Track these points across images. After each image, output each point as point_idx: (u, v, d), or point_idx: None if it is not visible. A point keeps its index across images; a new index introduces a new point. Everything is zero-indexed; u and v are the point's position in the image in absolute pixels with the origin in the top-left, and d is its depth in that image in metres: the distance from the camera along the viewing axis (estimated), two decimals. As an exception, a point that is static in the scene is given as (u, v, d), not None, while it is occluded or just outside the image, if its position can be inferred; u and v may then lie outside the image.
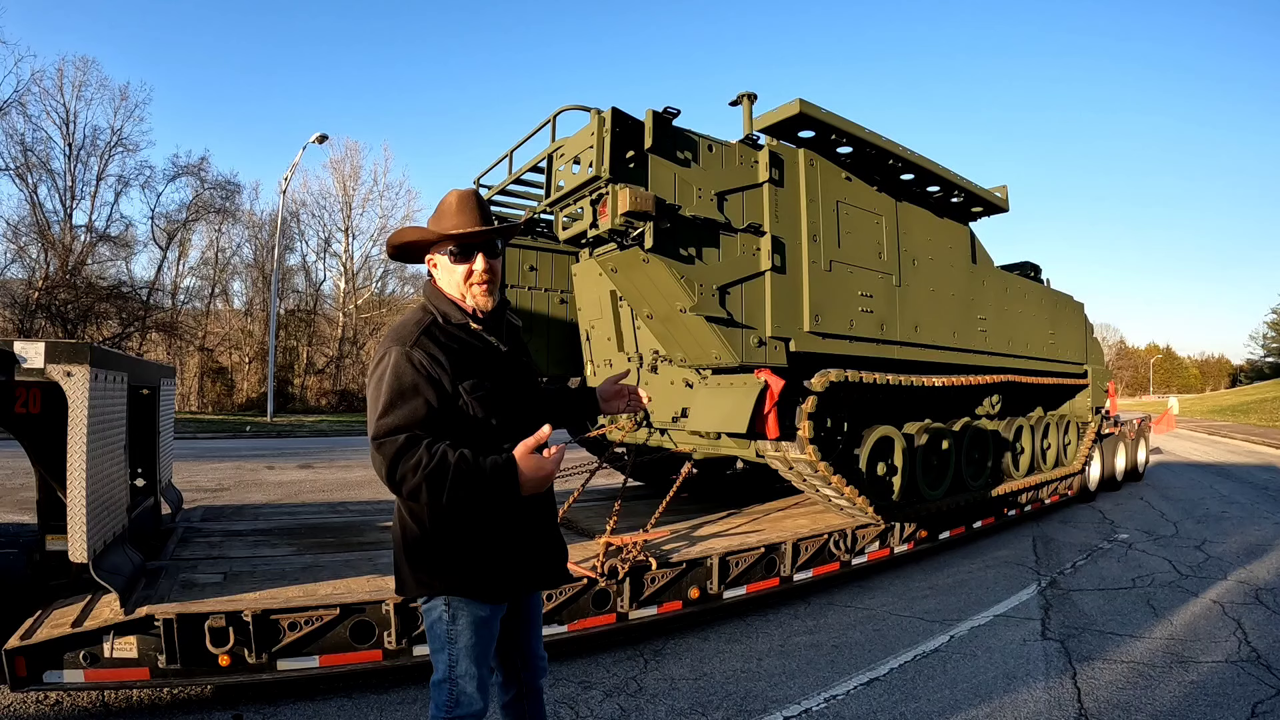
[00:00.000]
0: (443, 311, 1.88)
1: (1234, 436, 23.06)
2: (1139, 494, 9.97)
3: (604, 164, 3.68)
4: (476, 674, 1.89)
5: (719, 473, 7.87)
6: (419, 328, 1.82)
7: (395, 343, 1.78)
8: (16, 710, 3.00)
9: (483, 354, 1.89)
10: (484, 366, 1.87)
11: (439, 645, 1.89)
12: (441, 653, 1.89)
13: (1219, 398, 59.37)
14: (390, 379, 1.74)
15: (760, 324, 4.25)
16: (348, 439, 18.97)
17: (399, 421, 1.71)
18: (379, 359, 1.80)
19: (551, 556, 2.04)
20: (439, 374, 1.77)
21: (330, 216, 34.51)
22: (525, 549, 1.94)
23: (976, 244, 6.23)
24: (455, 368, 1.79)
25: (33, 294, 23.87)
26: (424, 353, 1.77)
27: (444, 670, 1.89)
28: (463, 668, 1.88)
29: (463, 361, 1.82)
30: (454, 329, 1.87)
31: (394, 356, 1.76)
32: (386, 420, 1.72)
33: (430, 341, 1.79)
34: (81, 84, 25.63)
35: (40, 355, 2.76)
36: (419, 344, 1.78)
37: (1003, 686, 3.50)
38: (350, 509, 5.85)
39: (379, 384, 1.76)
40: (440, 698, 1.89)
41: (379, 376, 1.77)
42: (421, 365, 1.75)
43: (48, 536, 3.24)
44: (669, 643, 4.05)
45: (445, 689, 1.88)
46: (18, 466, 8.98)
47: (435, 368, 1.77)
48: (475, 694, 1.89)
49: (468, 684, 1.88)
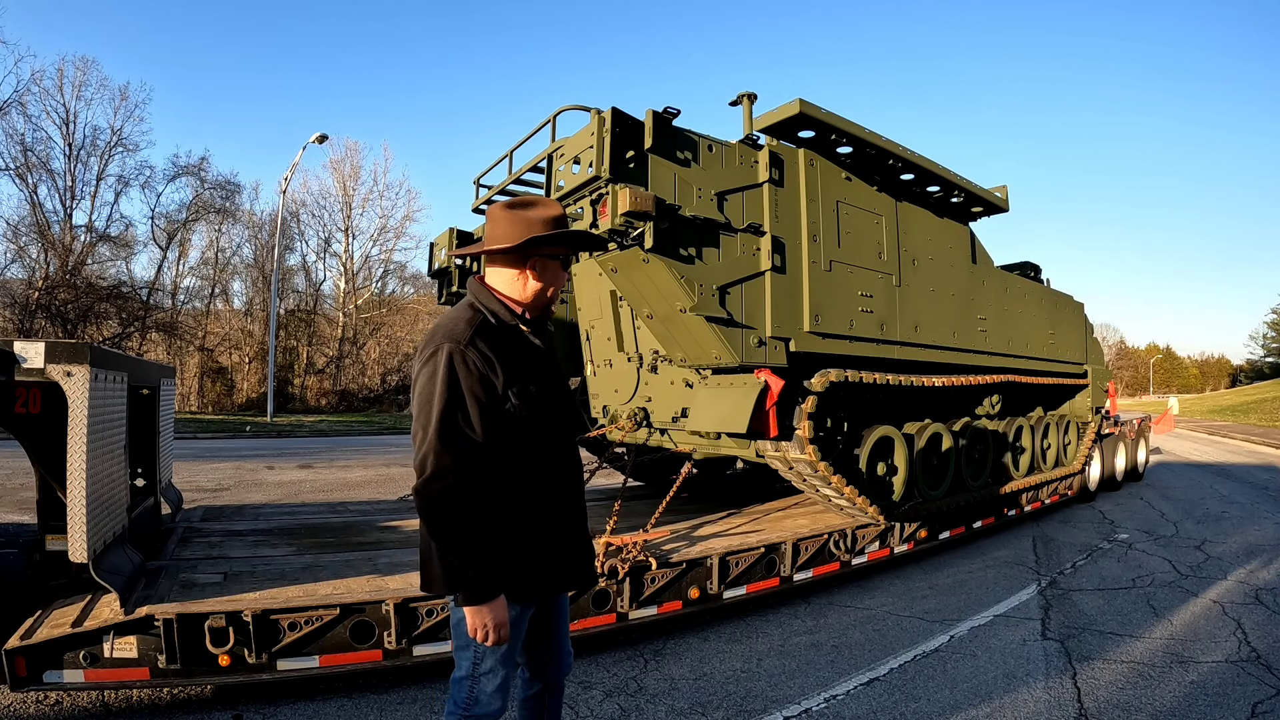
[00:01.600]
0: (492, 310, 1.87)
1: (1234, 436, 23.05)
2: (1139, 494, 9.97)
3: (604, 164, 3.68)
4: (501, 674, 1.88)
5: (719, 473, 7.87)
6: (471, 326, 1.81)
7: (448, 340, 1.76)
8: (16, 710, 3.00)
9: (530, 356, 1.89)
10: (530, 367, 1.87)
11: (464, 643, 1.88)
12: (465, 650, 1.88)
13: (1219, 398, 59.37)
14: (445, 376, 1.73)
15: (760, 324, 4.24)
16: (348, 439, 18.97)
17: (460, 434, 1.72)
18: (429, 354, 1.77)
19: (580, 558, 2.04)
20: (491, 375, 1.77)
21: (330, 216, 34.57)
22: (555, 550, 1.94)
23: (976, 244, 6.23)
24: (506, 369, 1.79)
25: (33, 294, 23.87)
26: (478, 352, 1.76)
27: (466, 668, 1.88)
28: (486, 666, 1.87)
29: (512, 362, 1.82)
30: (503, 328, 1.87)
31: (446, 353, 1.74)
32: (441, 427, 1.71)
33: (483, 340, 1.79)
34: (81, 84, 25.69)
35: (40, 355, 2.76)
36: (473, 343, 1.77)
37: (1003, 686, 3.50)
38: (350, 509, 5.85)
39: (432, 380, 1.74)
40: (459, 695, 1.88)
41: (431, 373, 1.75)
42: (475, 365, 1.75)
43: (48, 536, 3.24)
44: (669, 643, 4.05)
45: (465, 686, 1.88)
46: (18, 466, 8.98)
47: (488, 368, 1.76)
48: (495, 694, 1.88)
49: (489, 683, 1.87)
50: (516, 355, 1.84)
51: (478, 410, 1.74)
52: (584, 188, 3.93)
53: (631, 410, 5.30)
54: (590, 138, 3.81)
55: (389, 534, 4.74)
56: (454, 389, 1.73)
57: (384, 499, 7.90)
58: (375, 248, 35.51)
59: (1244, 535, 7.18)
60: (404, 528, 4.94)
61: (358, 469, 11.68)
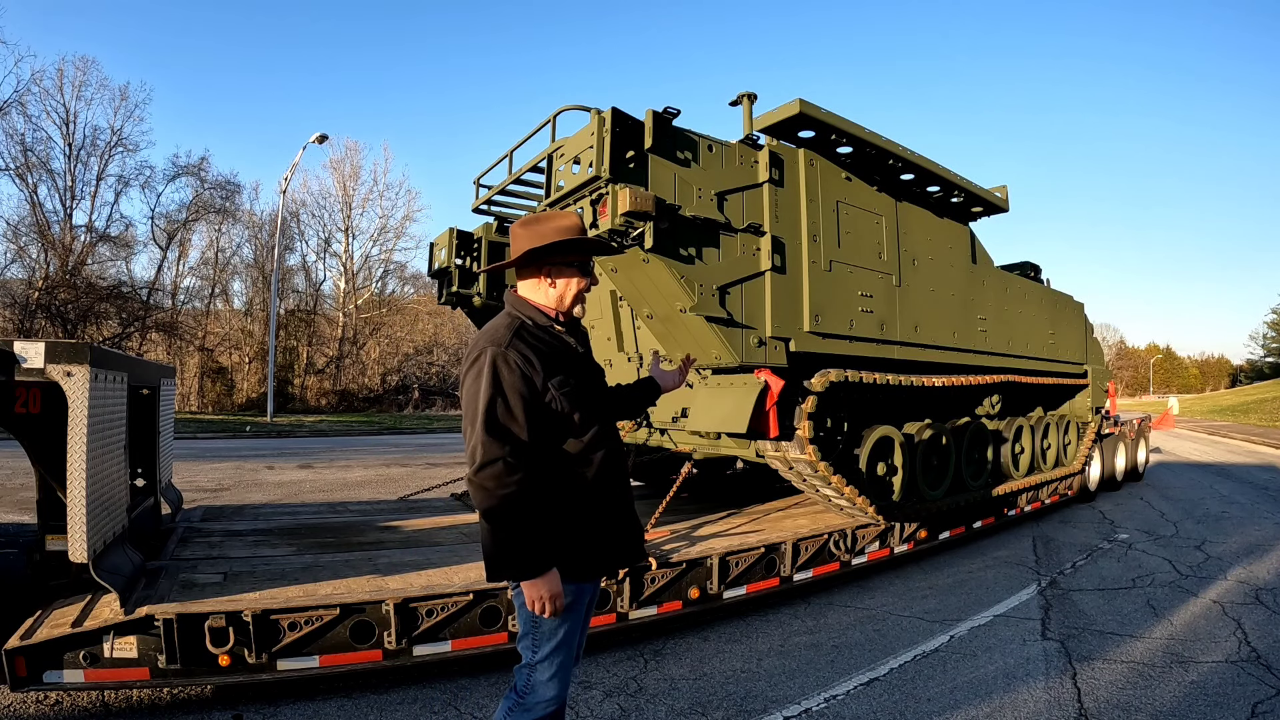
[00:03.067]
0: (529, 316, 2.04)
1: (1234, 436, 23.05)
2: (1139, 494, 9.97)
3: (604, 164, 3.68)
4: (557, 660, 1.96)
5: (719, 473, 7.87)
6: (510, 330, 1.96)
7: (490, 344, 1.92)
8: (16, 710, 3.00)
9: (566, 354, 2.03)
10: (567, 365, 2.01)
11: (525, 630, 1.98)
12: (525, 638, 1.98)
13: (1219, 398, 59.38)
14: (489, 376, 1.87)
15: (760, 324, 4.24)
16: (348, 439, 18.97)
17: (504, 427, 1.85)
18: (474, 358, 1.93)
19: (630, 536, 2.16)
20: (531, 372, 1.90)
21: (330, 216, 34.59)
22: (607, 530, 2.06)
23: (976, 244, 6.23)
24: (545, 366, 1.93)
25: (33, 294, 23.87)
26: (518, 353, 1.91)
27: (527, 655, 1.98)
28: (544, 652, 1.95)
29: (550, 360, 1.96)
30: (540, 331, 2.01)
31: (490, 356, 1.89)
32: (487, 420, 1.84)
33: (522, 342, 1.93)
34: (81, 84, 25.73)
35: (40, 355, 2.76)
36: (512, 345, 1.91)
37: (1003, 686, 3.50)
38: (350, 509, 5.85)
39: (477, 380, 1.88)
40: (519, 683, 1.99)
41: (476, 374, 1.90)
42: (516, 364, 1.89)
43: (48, 536, 3.24)
44: (669, 643, 4.05)
45: (524, 674, 1.98)
46: (18, 466, 8.99)
47: (528, 366, 1.90)
48: (549, 682, 1.96)
49: (545, 670, 1.95)
50: (554, 354, 1.98)
51: (521, 405, 1.87)
52: (584, 188, 3.93)
53: (631, 410, 5.29)
54: (590, 138, 3.81)
55: (389, 534, 4.74)
56: (498, 386, 1.87)
57: (384, 499, 7.90)
58: (375, 248, 35.56)
59: (1244, 535, 7.18)
60: (404, 528, 4.94)
61: (358, 469, 11.68)
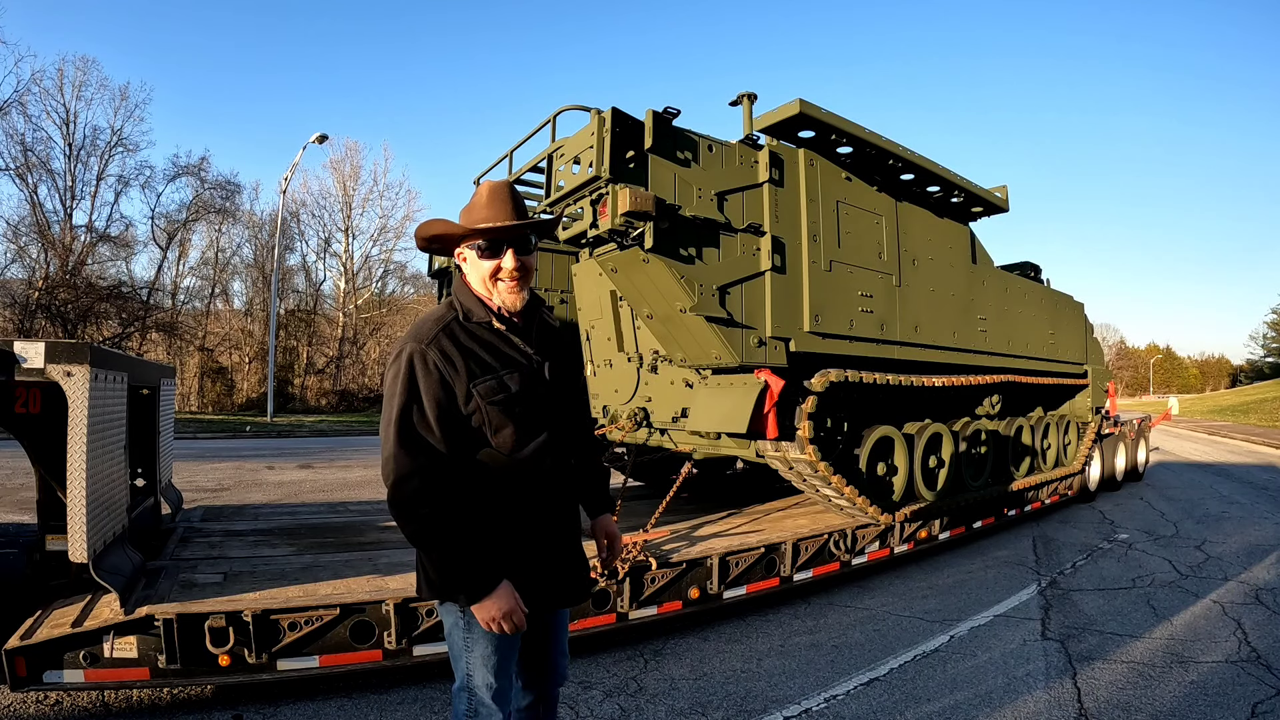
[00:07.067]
0: (466, 309, 1.81)
1: (1234, 436, 23.04)
2: (1139, 494, 9.97)
3: (604, 164, 3.68)
4: (494, 685, 1.82)
5: (719, 473, 7.87)
6: (438, 324, 1.76)
7: (413, 339, 1.73)
8: (16, 710, 3.00)
9: (504, 357, 1.79)
10: (502, 370, 1.77)
11: (456, 652, 1.85)
12: (459, 660, 1.84)
13: (1219, 398, 59.37)
14: (404, 378, 1.70)
15: (760, 324, 4.24)
16: (348, 439, 18.97)
17: (419, 437, 1.68)
18: (395, 355, 1.74)
19: (571, 574, 1.95)
20: (452, 376, 1.71)
21: (330, 216, 34.55)
22: (542, 565, 1.86)
23: (976, 244, 6.23)
24: (470, 369, 1.73)
25: (33, 294, 23.86)
26: (439, 352, 1.71)
27: (461, 678, 1.85)
28: (479, 678, 1.81)
29: (480, 363, 1.75)
30: (476, 327, 1.80)
31: (408, 353, 1.71)
32: (399, 430, 1.68)
33: (448, 340, 1.74)
34: (81, 84, 25.66)
35: (40, 355, 2.75)
36: (435, 342, 1.72)
37: (1003, 686, 3.50)
38: (350, 509, 5.85)
39: (394, 382, 1.71)
40: (460, 706, 1.85)
41: (394, 374, 1.72)
42: (435, 365, 1.70)
43: (48, 536, 3.24)
44: (669, 643, 4.05)
45: (464, 698, 1.84)
46: (18, 466, 8.98)
47: (449, 368, 1.71)
48: (493, 704, 1.83)
49: (484, 694, 1.82)
50: (486, 355, 1.77)
51: (435, 411, 1.69)
52: (584, 188, 3.94)
53: (631, 410, 5.30)
54: (590, 138, 3.82)
55: (389, 534, 4.74)
56: (412, 389, 1.69)
57: (384, 499, 7.88)
58: (375, 248, 35.53)
59: (1244, 535, 7.18)
60: (404, 528, 4.93)
61: (358, 469, 11.67)
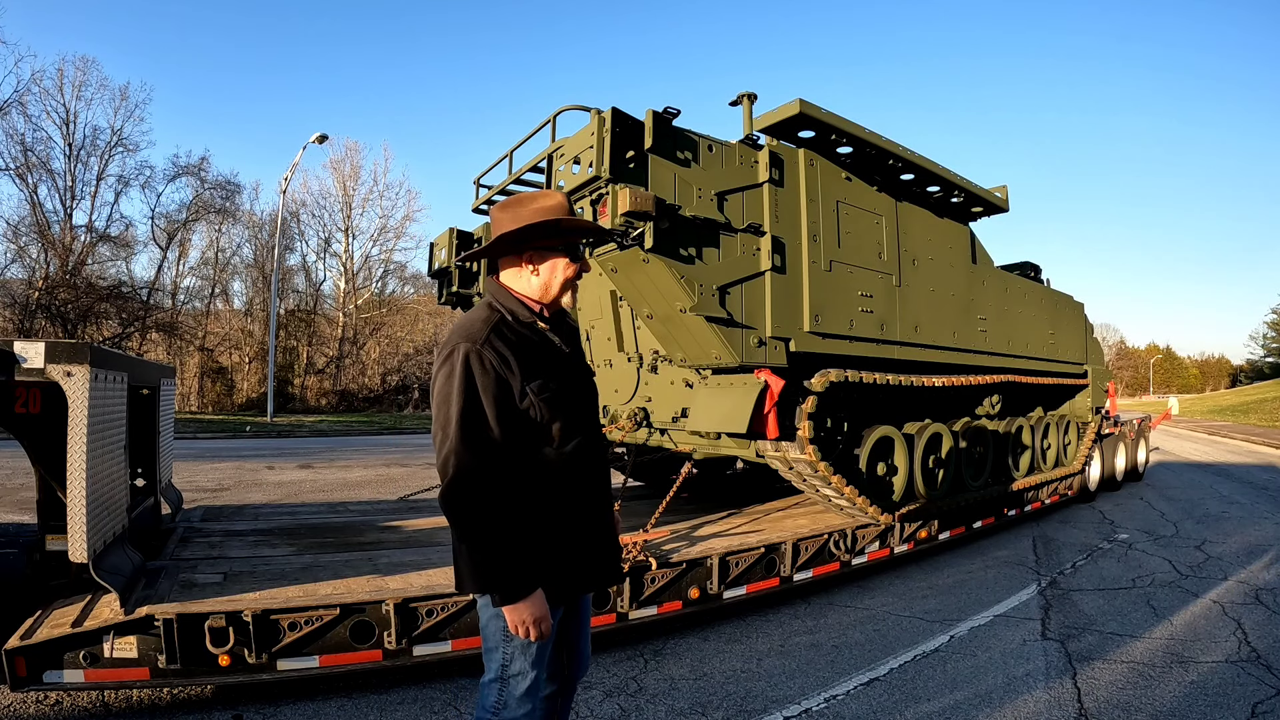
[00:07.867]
0: (510, 309, 1.84)
1: (1234, 436, 23.05)
2: (1139, 494, 9.97)
3: (604, 164, 3.68)
4: (531, 676, 1.82)
5: (719, 473, 7.87)
6: (488, 325, 1.78)
7: (464, 339, 1.74)
8: (16, 710, 3.00)
9: (548, 353, 1.85)
10: (550, 366, 1.83)
11: (493, 644, 1.84)
12: (495, 652, 1.84)
13: (1219, 398, 59.38)
14: (462, 377, 1.71)
15: (760, 324, 4.24)
16: (348, 439, 18.97)
17: (480, 435, 1.71)
18: (446, 354, 1.75)
19: (608, 555, 2.01)
20: (508, 374, 1.74)
21: (330, 216, 34.58)
22: (583, 549, 1.91)
23: (976, 244, 6.23)
24: (524, 368, 1.76)
25: (33, 294, 23.87)
26: (494, 351, 1.74)
27: (495, 670, 1.84)
28: (515, 668, 1.82)
29: (531, 361, 1.79)
30: (521, 327, 1.83)
31: (463, 353, 1.72)
32: (461, 428, 1.70)
33: (500, 340, 1.76)
34: (81, 84, 25.71)
35: (40, 355, 2.75)
36: (489, 342, 1.74)
37: (1003, 686, 3.50)
38: (350, 509, 5.85)
39: (449, 381, 1.72)
40: (488, 699, 1.84)
41: (448, 374, 1.73)
42: (491, 365, 1.72)
43: (48, 536, 3.24)
44: (669, 643, 4.05)
45: (494, 690, 1.84)
46: (18, 466, 8.98)
47: (504, 368, 1.74)
48: (524, 698, 1.82)
49: (518, 685, 1.82)
50: (535, 353, 1.81)
51: (494, 410, 1.72)
52: (584, 188, 3.94)
53: (631, 410, 5.30)
54: (590, 138, 3.81)
55: (389, 534, 4.74)
56: (470, 389, 1.71)
57: (384, 499, 7.90)
58: (375, 248, 35.56)
59: (1244, 535, 7.18)
60: (404, 528, 4.94)
61: (358, 469, 11.68)
